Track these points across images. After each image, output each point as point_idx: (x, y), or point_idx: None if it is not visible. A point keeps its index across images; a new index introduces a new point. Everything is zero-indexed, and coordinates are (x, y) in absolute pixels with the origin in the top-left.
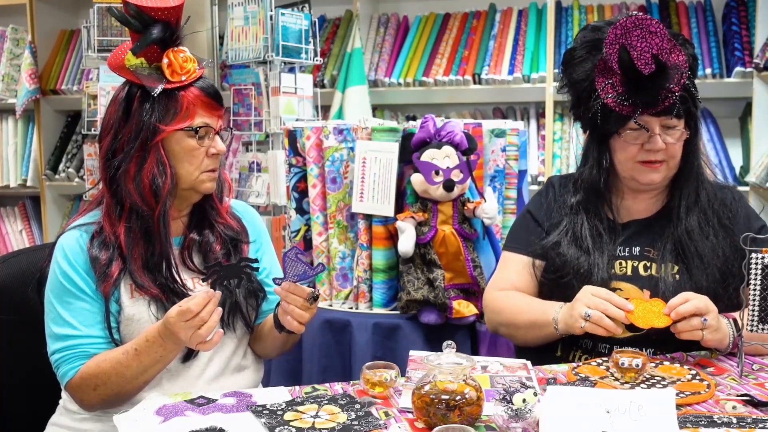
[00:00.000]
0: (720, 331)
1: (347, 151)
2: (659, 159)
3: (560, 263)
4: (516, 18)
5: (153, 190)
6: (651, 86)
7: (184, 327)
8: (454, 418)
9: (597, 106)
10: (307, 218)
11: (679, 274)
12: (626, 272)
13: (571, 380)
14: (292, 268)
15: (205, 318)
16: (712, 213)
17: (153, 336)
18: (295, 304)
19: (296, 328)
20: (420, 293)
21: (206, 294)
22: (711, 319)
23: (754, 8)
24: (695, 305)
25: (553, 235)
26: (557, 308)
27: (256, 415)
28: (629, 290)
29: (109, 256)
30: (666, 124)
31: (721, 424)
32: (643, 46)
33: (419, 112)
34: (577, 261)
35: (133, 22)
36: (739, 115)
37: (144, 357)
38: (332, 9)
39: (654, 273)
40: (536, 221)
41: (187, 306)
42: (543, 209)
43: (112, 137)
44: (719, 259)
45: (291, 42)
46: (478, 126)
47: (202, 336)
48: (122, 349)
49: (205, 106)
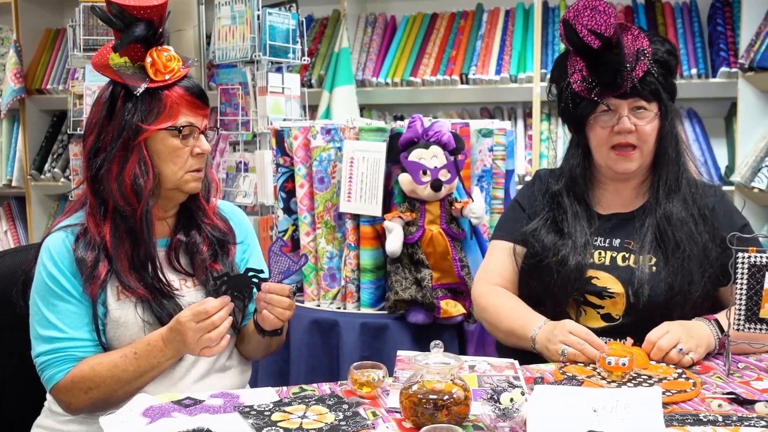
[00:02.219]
0: (703, 342)
1: (335, 151)
2: (631, 142)
3: (539, 248)
4: (503, 18)
5: (134, 189)
6: (606, 64)
7: (195, 328)
8: (441, 417)
9: (568, 92)
10: (294, 218)
11: (656, 266)
12: (604, 262)
13: (558, 379)
14: (276, 263)
15: (217, 322)
16: (692, 202)
17: (155, 340)
18: (280, 305)
19: (276, 324)
20: (408, 293)
21: (222, 299)
22: (685, 345)
23: (739, 9)
24: (660, 347)
25: (534, 221)
26: (536, 327)
27: (243, 415)
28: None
29: (95, 256)
30: (635, 106)
31: (706, 422)
32: (591, 24)
33: (407, 111)
34: (554, 246)
35: (115, 21)
36: (725, 115)
37: (143, 361)
38: (320, 9)
39: (632, 264)
40: (522, 209)
41: (203, 307)
42: (528, 199)
43: (95, 136)
44: (697, 246)
45: (278, 41)
46: (466, 126)
47: (210, 340)
48: (120, 352)
49: (190, 106)
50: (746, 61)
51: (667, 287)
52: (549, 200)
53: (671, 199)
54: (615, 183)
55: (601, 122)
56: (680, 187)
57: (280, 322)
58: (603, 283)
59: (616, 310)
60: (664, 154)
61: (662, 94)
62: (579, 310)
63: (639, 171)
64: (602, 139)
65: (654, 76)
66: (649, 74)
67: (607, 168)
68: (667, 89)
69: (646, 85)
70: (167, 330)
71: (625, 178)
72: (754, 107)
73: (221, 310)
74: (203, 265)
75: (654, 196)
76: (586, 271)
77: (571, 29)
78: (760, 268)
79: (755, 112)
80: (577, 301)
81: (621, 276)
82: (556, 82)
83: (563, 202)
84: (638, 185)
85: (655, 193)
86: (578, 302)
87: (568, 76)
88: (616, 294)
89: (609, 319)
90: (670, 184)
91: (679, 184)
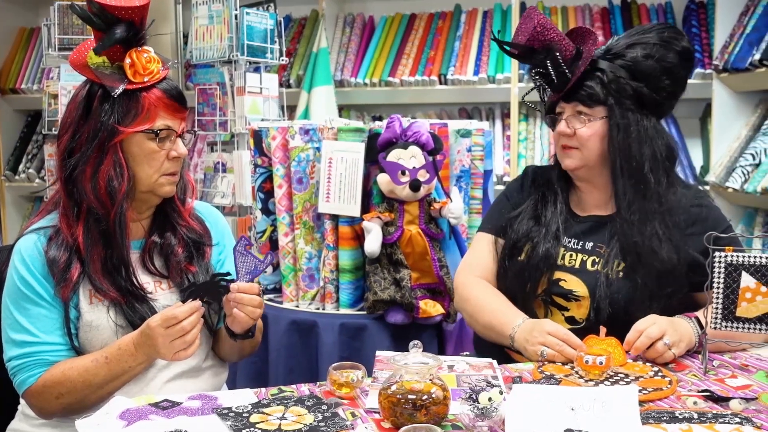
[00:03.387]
0: (685, 338)
1: (313, 152)
2: (570, 144)
3: (515, 235)
4: (481, 19)
5: (109, 191)
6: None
7: (165, 334)
8: (420, 417)
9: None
10: (272, 219)
11: (623, 272)
12: (574, 265)
13: (536, 378)
14: (243, 263)
15: (187, 328)
16: (659, 212)
17: (126, 344)
18: (251, 304)
19: (246, 324)
20: (387, 293)
21: (192, 305)
22: (670, 337)
23: (713, 11)
24: (649, 335)
25: (516, 210)
26: (515, 325)
27: (221, 417)
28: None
29: (67, 258)
30: (577, 110)
31: (682, 419)
32: (520, 29)
33: (385, 112)
34: (529, 233)
35: (96, 21)
36: (700, 115)
37: (114, 366)
38: (298, 8)
39: (599, 269)
40: (509, 202)
41: (173, 313)
42: (515, 192)
43: (70, 136)
44: (662, 265)
45: (256, 41)
46: (444, 126)
47: (178, 346)
48: (91, 357)
49: (168, 108)
50: (721, 63)
51: (630, 296)
52: (535, 190)
53: (633, 213)
54: (582, 183)
55: (552, 123)
56: (645, 203)
57: (251, 321)
58: (570, 286)
59: (580, 314)
60: (615, 166)
61: (608, 99)
62: (546, 310)
63: (592, 172)
64: (554, 138)
65: (602, 82)
66: (592, 79)
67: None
68: (630, 95)
69: (585, 89)
70: (138, 334)
71: (582, 177)
72: (728, 108)
73: (191, 316)
74: (178, 266)
75: (617, 205)
76: (554, 260)
77: (495, 37)
78: (736, 267)
79: (729, 113)
80: (545, 301)
81: (588, 280)
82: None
83: (548, 192)
84: (606, 188)
85: (617, 203)
86: (546, 302)
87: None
88: (581, 297)
89: (572, 321)
90: (629, 196)
91: (643, 199)
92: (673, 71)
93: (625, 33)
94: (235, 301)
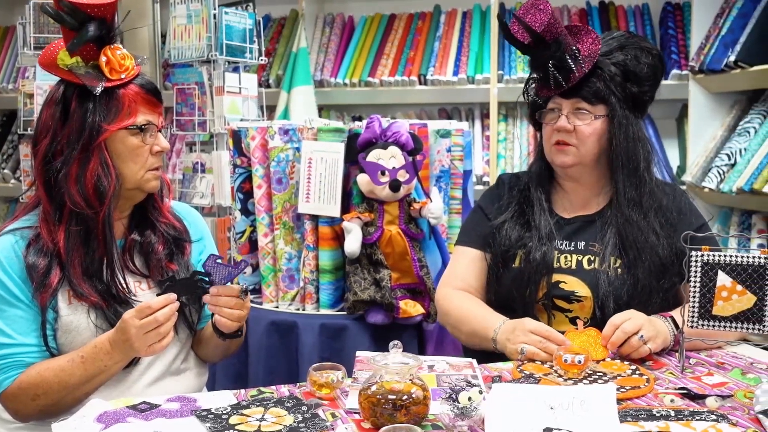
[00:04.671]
0: (660, 335)
1: (293, 152)
2: (569, 142)
3: (506, 243)
4: (460, 19)
5: (97, 192)
6: (539, 61)
7: (138, 325)
8: (400, 417)
9: (530, 91)
10: (252, 219)
11: (621, 268)
12: (571, 266)
13: (516, 377)
14: (217, 273)
15: (161, 319)
16: (654, 215)
17: (101, 342)
18: (227, 305)
19: (231, 326)
20: (367, 293)
21: (167, 297)
22: (646, 332)
23: (689, 13)
24: (624, 330)
25: (501, 216)
26: (497, 327)
27: (200, 419)
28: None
29: (47, 264)
30: (577, 107)
31: (659, 417)
32: (529, 20)
33: (365, 112)
34: (521, 239)
35: (67, 20)
36: (676, 116)
37: (89, 365)
38: (277, 8)
39: (597, 267)
40: (485, 215)
41: (146, 303)
42: (492, 203)
43: (49, 140)
44: (656, 258)
45: (235, 41)
46: (424, 126)
47: (152, 338)
48: (67, 357)
49: (147, 104)
50: (697, 64)
51: (630, 292)
52: (516, 195)
53: (632, 210)
54: (571, 184)
55: (546, 119)
56: (642, 200)
57: (235, 324)
58: (570, 287)
59: (584, 313)
60: (617, 161)
61: (610, 98)
62: (549, 315)
63: (584, 170)
64: (547, 136)
65: (604, 80)
66: (595, 77)
67: (552, 163)
68: (625, 96)
69: (589, 86)
70: (114, 331)
71: (573, 176)
72: (704, 109)
73: (165, 308)
74: (159, 265)
75: (616, 203)
76: (552, 263)
77: (504, 24)
78: (712, 266)
79: (705, 114)
80: (546, 306)
81: (587, 279)
82: (527, 82)
83: (530, 197)
84: (593, 187)
85: (616, 201)
86: (547, 307)
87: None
88: (584, 297)
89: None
90: (629, 194)
91: (640, 197)
92: (656, 74)
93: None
94: (212, 304)
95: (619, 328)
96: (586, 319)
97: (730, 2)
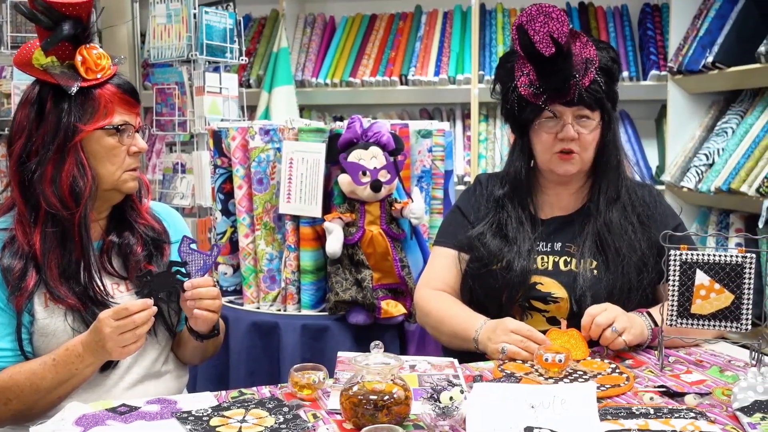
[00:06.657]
0: (636, 326)
1: (274, 152)
2: (573, 149)
3: (484, 253)
4: (441, 20)
5: (73, 193)
6: (556, 72)
7: (114, 326)
8: (382, 418)
9: (514, 96)
10: (233, 220)
11: (597, 269)
12: (548, 267)
13: (497, 377)
14: (193, 262)
15: (137, 322)
16: (632, 209)
17: (74, 345)
18: (209, 296)
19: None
20: (348, 294)
21: (146, 300)
22: (619, 324)
23: (668, 14)
24: (597, 323)
25: (478, 226)
26: (478, 327)
27: (181, 422)
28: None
29: (23, 266)
30: (579, 114)
31: (639, 415)
32: (544, 30)
33: (346, 112)
34: (500, 252)
35: (42, 19)
36: (655, 116)
37: (61, 368)
38: (258, 8)
39: (573, 268)
40: (464, 216)
41: (124, 305)
42: (470, 204)
43: (24, 140)
44: (636, 254)
45: (215, 41)
46: (405, 127)
47: (128, 339)
48: (40, 360)
49: (123, 104)
50: (675, 65)
51: (608, 292)
52: (493, 204)
53: (611, 208)
54: (556, 187)
55: (545, 128)
56: (620, 195)
57: (214, 315)
58: (547, 289)
59: (561, 314)
60: (606, 163)
61: (605, 102)
62: (524, 314)
63: (578, 175)
64: (547, 145)
65: (599, 85)
66: (594, 83)
67: (549, 171)
68: (610, 97)
69: (591, 93)
70: (87, 332)
71: (566, 181)
72: (682, 109)
73: (143, 312)
74: (137, 266)
75: (594, 203)
76: (530, 277)
77: (525, 35)
78: (690, 265)
79: (684, 114)
80: (522, 306)
81: (564, 281)
82: (502, 82)
83: (507, 206)
84: (577, 189)
85: (596, 200)
86: (524, 307)
87: (516, 78)
88: (560, 299)
89: (555, 322)
90: (611, 193)
91: (619, 192)
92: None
93: None
94: (192, 297)
95: (594, 321)
96: (564, 319)
97: (708, 3)
